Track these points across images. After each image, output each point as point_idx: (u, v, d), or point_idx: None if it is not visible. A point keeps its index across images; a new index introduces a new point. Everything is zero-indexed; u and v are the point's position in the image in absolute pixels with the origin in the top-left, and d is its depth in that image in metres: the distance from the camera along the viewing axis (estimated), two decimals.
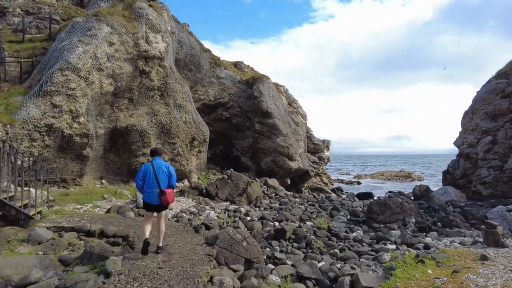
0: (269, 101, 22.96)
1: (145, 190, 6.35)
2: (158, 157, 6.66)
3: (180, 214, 11.13)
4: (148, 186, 6.31)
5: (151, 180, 6.32)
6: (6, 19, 19.34)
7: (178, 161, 17.03)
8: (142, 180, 6.35)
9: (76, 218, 9.43)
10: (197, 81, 23.91)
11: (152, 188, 6.30)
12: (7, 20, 19.35)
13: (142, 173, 6.37)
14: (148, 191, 6.32)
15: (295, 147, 23.34)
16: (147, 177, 6.34)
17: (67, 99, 12.26)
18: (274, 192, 17.35)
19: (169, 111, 16.85)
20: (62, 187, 13.61)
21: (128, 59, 15.54)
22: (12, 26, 19.25)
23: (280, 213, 12.39)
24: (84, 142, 13.19)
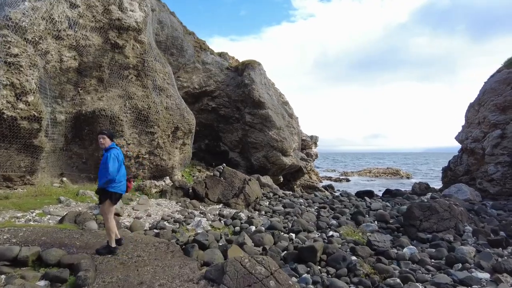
0: (261, 90, 20.06)
1: (118, 179, 5.52)
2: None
3: (161, 224, 8.06)
4: (121, 175, 5.61)
5: (123, 167, 5.73)
6: None
7: (158, 155, 13.84)
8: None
9: (6, 234, 6.21)
10: (180, 66, 20.70)
11: (125, 177, 5.73)
12: None
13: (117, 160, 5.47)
14: (122, 181, 5.62)
15: (289, 141, 20.57)
16: (120, 164, 5.60)
17: (7, 69, 8.89)
18: (271, 192, 14.48)
19: (147, 94, 13.63)
20: (5, 187, 10.22)
21: (96, 28, 12.20)
22: None
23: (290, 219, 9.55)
24: (35, 129, 9.84)
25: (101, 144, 5.52)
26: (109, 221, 5.51)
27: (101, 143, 5.51)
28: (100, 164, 5.47)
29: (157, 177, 14.05)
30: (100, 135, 5.55)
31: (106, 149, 5.51)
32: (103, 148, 5.55)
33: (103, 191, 5.47)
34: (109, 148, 5.49)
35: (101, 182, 5.40)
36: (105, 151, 5.49)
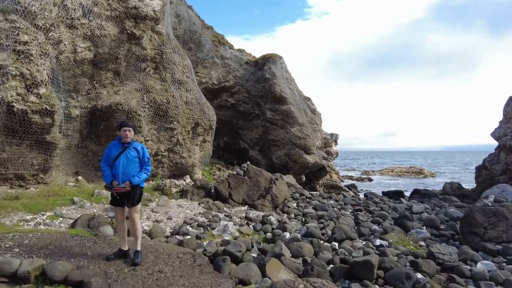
0: (282, 84, 18.94)
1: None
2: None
3: (184, 229, 7.07)
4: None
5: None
6: None
7: (178, 152, 12.94)
8: None
9: (9, 242, 5.33)
10: (198, 61, 19.78)
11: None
12: None
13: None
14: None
15: (312, 139, 19.39)
16: None
17: (16, 58, 8.08)
18: (298, 192, 13.37)
19: (165, 87, 12.72)
20: (18, 186, 9.47)
21: (112, 17, 11.35)
22: None
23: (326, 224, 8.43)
24: (47, 123, 9.02)
25: (127, 137, 4.84)
26: (139, 222, 4.97)
27: (126, 136, 4.83)
28: (128, 160, 4.79)
29: (176, 175, 13.15)
30: (126, 127, 4.87)
31: (130, 143, 4.88)
32: (127, 142, 4.87)
33: (139, 188, 4.87)
34: (132, 142, 4.92)
35: (138, 179, 4.79)
36: (130, 145, 4.88)
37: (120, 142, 4.89)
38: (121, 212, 4.90)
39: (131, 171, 4.76)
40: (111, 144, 4.98)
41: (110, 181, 4.77)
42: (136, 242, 4.89)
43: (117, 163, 4.73)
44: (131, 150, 4.82)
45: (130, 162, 4.76)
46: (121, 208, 4.87)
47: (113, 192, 4.70)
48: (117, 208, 4.89)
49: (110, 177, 4.78)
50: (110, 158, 4.81)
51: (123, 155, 4.76)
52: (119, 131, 4.92)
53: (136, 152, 4.83)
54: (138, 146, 4.91)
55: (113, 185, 4.72)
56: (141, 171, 4.85)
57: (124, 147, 4.82)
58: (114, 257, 4.86)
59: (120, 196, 4.74)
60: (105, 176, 4.85)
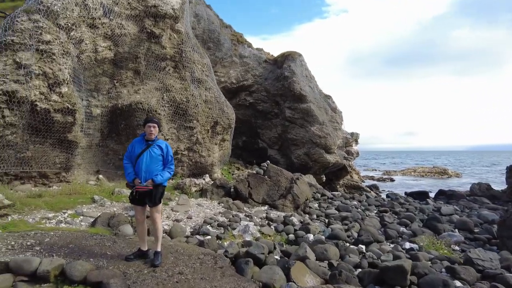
0: (302, 82, 18.58)
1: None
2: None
3: (204, 229, 6.89)
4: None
5: None
6: None
7: (197, 151, 12.83)
8: None
9: (31, 239, 5.28)
10: (217, 61, 19.68)
11: None
12: None
13: None
14: None
15: (333, 137, 18.93)
16: None
17: (39, 57, 8.12)
18: (319, 192, 13.01)
19: (185, 86, 12.64)
20: (41, 184, 9.56)
21: (131, 16, 11.35)
22: None
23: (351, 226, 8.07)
24: (69, 122, 9.06)
25: (151, 133, 4.64)
26: (160, 222, 4.88)
27: (151, 132, 4.64)
28: (151, 157, 4.61)
29: (196, 174, 13.05)
30: (151, 123, 4.66)
31: (154, 140, 4.70)
32: (151, 139, 4.68)
33: (162, 187, 4.70)
34: (157, 139, 4.75)
35: (161, 178, 4.59)
36: (154, 142, 4.70)
37: (144, 139, 4.71)
38: (142, 211, 4.71)
39: (154, 169, 4.57)
40: (135, 140, 4.81)
41: (132, 179, 4.58)
42: (156, 243, 4.72)
43: (140, 160, 4.54)
44: (155, 147, 4.64)
45: (153, 160, 4.58)
46: (142, 207, 4.68)
47: (135, 190, 4.52)
48: (138, 207, 4.69)
49: (133, 175, 4.59)
50: (133, 155, 4.64)
51: (146, 152, 4.57)
52: (144, 127, 4.72)
53: (160, 150, 4.65)
54: (162, 144, 4.73)
55: (135, 183, 4.53)
56: (164, 170, 4.67)
57: (147, 144, 4.63)
58: (133, 258, 4.72)
59: (142, 195, 4.55)
60: (127, 173, 4.66)
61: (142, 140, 4.70)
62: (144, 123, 4.73)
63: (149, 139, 4.65)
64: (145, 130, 4.68)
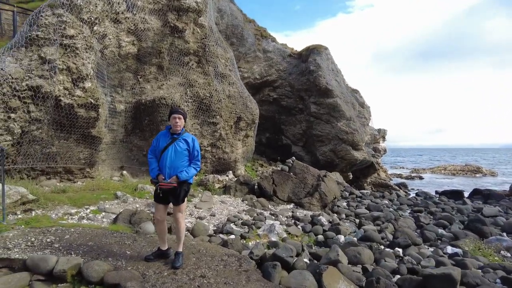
0: (328, 76, 17.90)
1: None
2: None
3: (227, 227, 6.54)
4: None
5: None
6: None
7: (221, 147, 12.55)
8: None
9: (51, 236, 5.12)
10: (240, 56, 19.33)
11: None
12: None
13: None
14: None
15: (360, 134, 18.16)
16: None
17: (63, 52, 8.04)
18: (346, 191, 12.40)
19: (208, 81, 12.36)
20: (66, 179, 9.57)
21: (155, 10, 11.18)
22: None
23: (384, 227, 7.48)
24: (92, 117, 8.97)
25: (176, 125, 4.23)
26: (184, 222, 4.49)
27: (176, 124, 4.22)
28: (176, 152, 4.20)
29: (219, 171, 12.78)
30: (176, 114, 4.24)
31: (180, 133, 4.29)
32: (176, 132, 4.27)
33: (187, 185, 4.29)
34: (183, 132, 4.33)
35: (186, 175, 4.19)
36: (180, 135, 4.28)
37: (169, 132, 4.31)
38: (163, 210, 4.33)
39: (179, 165, 4.18)
40: (160, 134, 4.43)
41: (156, 175, 4.21)
42: (178, 243, 4.38)
43: (165, 155, 4.17)
44: (181, 141, 4.23)
45: (178, 155, 4.18)
46: (164, 205, 4.32)
47: (158, 187, 4.14)
48: (160, 205, 4.32)
49: (156, 171, 4.22)
50: (158, 149, 4.27)
51: (171, 146, 4.18)
52: (169, 119, 4.31)
53: (186, 144, 4.24)
54: (189, 137, 4.31)
55: (158, 179, 4.17)
56: (190, 166, 4.26)
57: (173, 138, 4.24)
58: (153, 258, 4.42)
59: (165, 193, 4.17)
60: (151, 169, 4.29)
61: (167, 133, 4.31)
62: (169, 114, 4.33)
63: (175, 132, 4.25)
64: (170, 122, 4.26)
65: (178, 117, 4.22)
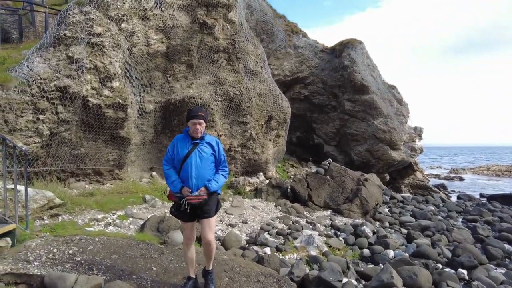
0: (363, 72, 16.85)
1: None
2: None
3: (261, 238, 5.93)
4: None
5: None
6: None
7: (251, 148, 11.98)
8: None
9: (74, 247, 4.74)
10: (270, 53, 18.63)
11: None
12: None
13: None
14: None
15: (399, 132, 16.97)
16: None
17: (91, 51, 7.76)
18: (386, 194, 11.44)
19: (238, 79, 11.82)
20: (95, 181, 9.36)
21: (183, 6, 10.76)
22: None
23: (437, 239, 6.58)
24: (120, 118, 8.67)
25: (197, 131, 3.57)
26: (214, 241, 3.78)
27: (196, 131, 3.56)
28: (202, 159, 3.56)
29: (249, 172, 12.23)
30: (196, 118, 3.55)
31: (202, 138, 3.64)
32: (198, 137, 3.61)
33: (216, 196, 3.70)
34: (205, 135, 3.68)
35: (216, 184, 3.59)
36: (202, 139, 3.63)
37: (188, 135, 3.65)
38: (192, 228, 3.68)
39: (207, 173, 3.57)
40: (176, 139, 3.71)
41: (179, 189, 3.51)
42: (208, 261, 3.73)
43: (188, 164, 3.51)
44: (205, 146, 3.61)
45: (204, 162, 3.56)
46: (192, 223, 3.65)
47: (186, 202, 3.44)
48: (188, 224, 3.63)
49: (179, 183, 3.53)
50: (178, 158, 3.59)
51: (194, 153, 3.54)
52: (187, 122, 3.64)
53: (210, 149, 3.63)
54: (212, 140, 3.70)
55: (183, 193, 3.48)
56: (218, 173, 3.65)
57: (194, 143, 3.59)
58: None
59: (193, 208, 3.49)
60: (171, 181, 3.60)
61: (186, 137, 3.65)
62: (187, 118, 3.63)
63: (196, 137, 3.61)
64: (189, 126, 3.61)
65: (199, 123, 3.55)
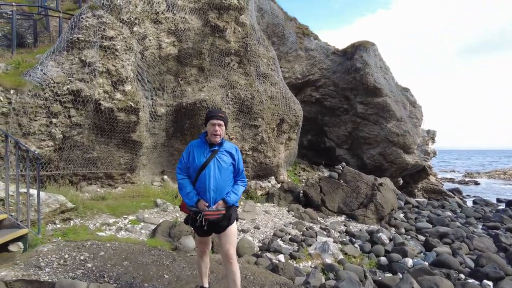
0: (376, 74, 16.57)
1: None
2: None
3: (275, 244, 5.78)
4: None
5: None
6: None
7: (262, 151, 11.83)
8: None
9: (85, 252, 4.66)
10: (281, 56, 18.50)
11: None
12: None
13: None
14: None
15: (412, 135, 16.62)
16: None
17: (103, 54, 7.74)
18: (401, 199, 11.14)
19: (250, 82, 11.70)
20: (107, 185, 9.34)
21: (195, 9, 10.71)
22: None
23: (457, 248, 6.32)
24: (132, 121, 8.63)
25: (216, 134, 3.20)
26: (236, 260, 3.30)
27: (215, 133, 3.19)
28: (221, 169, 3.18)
29: (260, 176, 12.08)
30: (216, 119, 3.20)
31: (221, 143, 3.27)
32: (216, 142, 3.23)
33: (235, 209, 3.34)
34: (224, 142, 3.31)
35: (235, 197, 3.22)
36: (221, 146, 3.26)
37: (205, 142, 3.26)
38: (209, 241, 3.43)
39: (226, 185, 3.20)
40: (192, 145, 3.33)
41: (195, 202, 3.12)
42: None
43: (206, 174, 3.12)
44: (224, 154, 3.23)
45: (224, 173, 3.18)
46: (208, 238, 3.38)
47: (203, 219, 3.06)
48: (203, 238, 3.34)
49: (195, 195, 3.13)
50: (194, 167, 3.19)
51: (213, 162, 3.16)
52: (205, 124, 3.27)
53: (230, 158, 3.26)
54: (232, 148, 3.31)
55: (199, 207, 3.11)
56: (237, 184, 3.30)
57: (213, 150, 3.21)
58: None
59: (210, 224, 3.11)
60: (185, 193, 3.18)
61: (203, 144, 3.26)
62: (206, 119, 3.27)
63: (214, 142, 3.21)
64: (207, 129, 3.24)
65: (218, 124, 3.19)
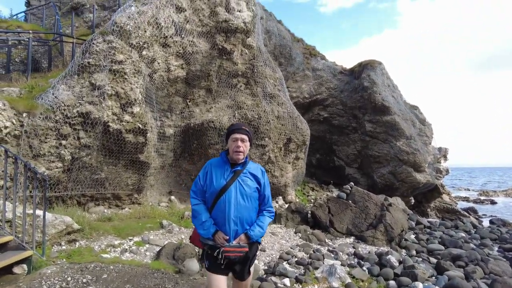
0: (384, 92, 16.53)
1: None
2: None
3: (281, 267, 5.64)
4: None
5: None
6: (83, 17, 16.91)
7: (270, 171, 11.78)
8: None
9: (88, 275, 4.63)
10: (288, 76, 18.70)
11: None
12: (84, 17, 16.89)
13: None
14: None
15: (422, 154, 16.35)
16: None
17: (112, 78, 7.95)
18: (412, 219, 10.85)
19: (257, 102, 11.80)
20: (114, 205, 9.38)
21: (203, 33, 10.99)
22: (88, 23, 16.66)
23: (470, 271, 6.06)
24: (140, 142, 8.74)
25: (239, 151, 2.64)
26: None
27: (238, 149, 2.64)
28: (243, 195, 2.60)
29: None
30: (239, 133, 2.67)
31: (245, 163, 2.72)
32: (239, 161, 2.67)
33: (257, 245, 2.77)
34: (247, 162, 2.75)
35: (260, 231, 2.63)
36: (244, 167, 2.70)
37: (226, 161, 2.70)
38: (224, 283, 2.58)
39: (249, 215, 2.61)
40: (210, 163, 2.76)
41: (212, 234, 2.56)
42: None
43: (225, 200, 2.55)
44: (248, 176, 2.66)
45: (248, 200, 2.59)
46: (224, 278, 2.61)
47: (223, 256, 2.48)
48: (220, 277, 2.56)
49: (212, 225, 2.57)
50: (211, 191, 2.61)
51: (234, 186, 2.58)
52: (227, 140, 2.73)
53: (255, 181, 2.67)
54: (257, 169, 2.75)
55: (216, 240, 2.54)
56: (262, 214, 2.70)
57: (235, 171, 2.65)
58: None
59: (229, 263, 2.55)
60: (200, 223, 2.59)
61: (224, 163, 2.70)
62: (227, 134, 2.74)
63: (236, 160, 2.65)
64: (229, 145, 2.68)
65: (241, 139, 2.64)
